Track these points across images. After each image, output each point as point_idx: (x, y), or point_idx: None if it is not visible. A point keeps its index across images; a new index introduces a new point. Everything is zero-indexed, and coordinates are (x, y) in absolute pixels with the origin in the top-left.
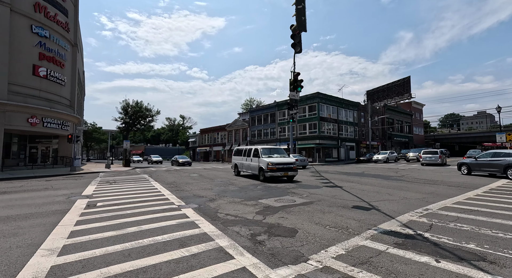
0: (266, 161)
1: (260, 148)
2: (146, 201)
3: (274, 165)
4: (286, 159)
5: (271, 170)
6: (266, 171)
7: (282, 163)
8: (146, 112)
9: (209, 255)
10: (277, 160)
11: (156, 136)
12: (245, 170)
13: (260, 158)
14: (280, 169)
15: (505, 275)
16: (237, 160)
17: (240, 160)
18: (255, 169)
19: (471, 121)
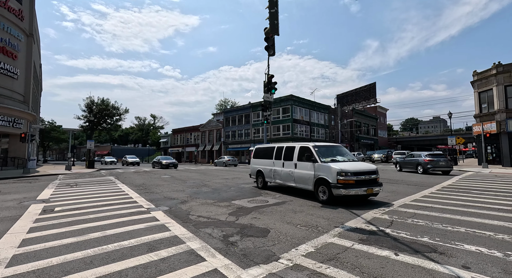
0: (334, 168)
1: (313, 146)
2: (112, 205)
3: (351, 176)
4: (365, 165)
5: (345, 183)
6: (335, 185)
7: (363, 171)
8: (113, 111)
9: (179, 258)
10: (354, 167)
11: (124, 136)
12: (279, 181)
13: (318, 162)
14: (362, 182)
15: (452, 264)
16: (261, 164)
17: (268, 165)
18: (307, 181)
19: (428, 126)
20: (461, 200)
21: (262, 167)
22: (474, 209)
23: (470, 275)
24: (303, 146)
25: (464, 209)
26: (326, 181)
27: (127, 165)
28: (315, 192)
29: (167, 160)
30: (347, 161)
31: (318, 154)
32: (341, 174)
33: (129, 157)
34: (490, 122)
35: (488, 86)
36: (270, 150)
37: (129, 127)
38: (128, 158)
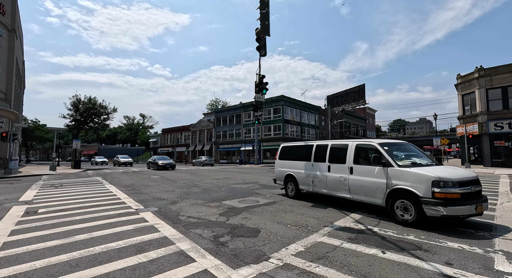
0: (427, 175)
1: (380, 143)
2: (99, 206)
3: (456, 187)
4: (464, 171)
5: (446, 198)
6: (429, 200)
7: (467, 180)
8: (101, 110)
9: (169, 260)
10: (454, 174)
11: (113, 135)
12: (322, 190)
13: (394, 166)
14: (469, 196)
15: (435, 261)
16: (292, 167)
17: (304, 169)
18: (373, 192)
19: (414, 127)
20: None
21: (294, 171)
22: None
23: (453, 271)
24: (363, 144)
25: None
26: (410, 193)
27: (119, 165)
28: (389, 209)
29: (164, 160)
30: (430, 164)
31: (390, 155)
32: (438, 185)
33: (121, 157)
34: (472, 124)
35: (471, 89)
36: (305, 149)
37: (117, 127)
38: (120, 157)
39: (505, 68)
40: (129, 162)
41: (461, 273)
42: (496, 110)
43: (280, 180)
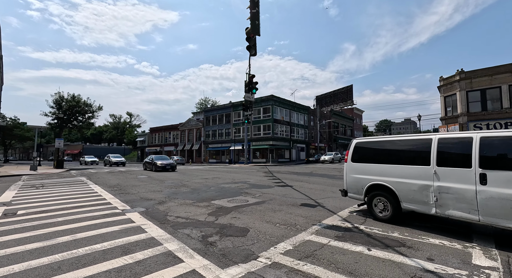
0: None
1: None
2: (83, 207)
3: None
4: None
5: None
6: None
7: None
8: (85, 108)
9: (156, 261)
10: None
11: (98, 134)
12: (467, 214)
13: None
14: None
15: (418, 257)
16: (383, 173)
17: (415, 178)
18: None
19: (400, 127)
20: None
21: (390, 180)
22: None
23: (434, 266)
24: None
25: None
26: None
27: (111, 165)
28: None
29: (163, 161)
30: None
31: None
32: None
33: (112, 156)
34: (454, 124)
35: (452, 91)
36: (412, 146)
37: (103, 126)
38: (112, 157)
39: (483, 72)
40: (121, 162)
41: (441, 268)
42: (475, 112)
43: (356, 192)
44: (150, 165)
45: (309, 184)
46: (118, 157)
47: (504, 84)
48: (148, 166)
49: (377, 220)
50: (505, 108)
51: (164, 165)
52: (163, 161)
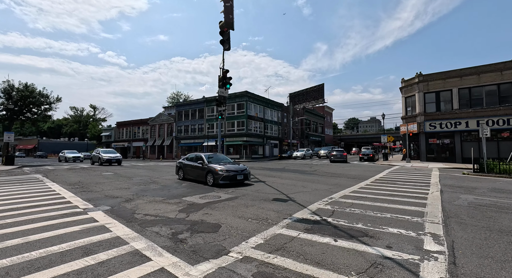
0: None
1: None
2: (38, 206)
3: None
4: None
5: None
6: None
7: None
8: (41, 99)
9: (121, 260)
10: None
11: (56, 128)
12: None
13: None
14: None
15: (378, 245)
16: None
17: None
18: None
19: (366, 125)
20: (389, 190)
21: None
22: (398, 197)
23: (392, 253)
24: None
25: (391, 198)
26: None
27: (101, 163)
28: None
29: (110, 154)
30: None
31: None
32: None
33: (103, 152)
34: (413, 123)
35: (412, 92)
36: None
37: (62, 119)
38: (103, 152)
39: (438, 76)
40: (116, 159)
41: (398, 254)
42: (431, 112)
43: None
44: (97, 158)
45: (281, 179)
46: (111, 152)
47: (454, 88)
48: (96, 160)
49: None
50: (455, 109)
51: (109, 158)
52: (109, 155)
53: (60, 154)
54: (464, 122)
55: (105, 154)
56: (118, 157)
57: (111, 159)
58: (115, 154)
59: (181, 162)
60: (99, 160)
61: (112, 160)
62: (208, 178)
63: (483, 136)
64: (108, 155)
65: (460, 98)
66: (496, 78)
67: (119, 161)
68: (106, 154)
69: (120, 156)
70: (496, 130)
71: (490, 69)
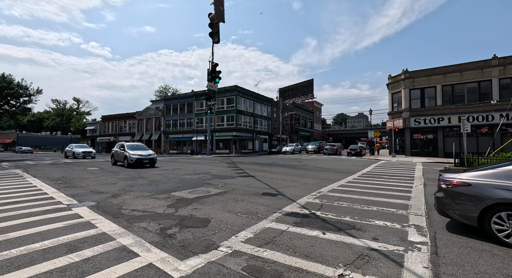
0: None
1: None
2: (18, 203)
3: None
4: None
5: None
6: None
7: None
8: (19, 90)
9: (107, 257)
10: None
11: (37, 122)
12: None
13: None
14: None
15: (365, 237)
16: None
17: None
18: None
19: (354, 121)
20: (375, 184)
21: None
22: (384, 191)
23: (378, 245)
24: None
25: (377, 191)
26: None
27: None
28: None
29: (84, 149)
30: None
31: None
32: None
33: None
34: (398, 119)
35: (398, 88)
36: None
37: (43, 112)
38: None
39: (423, 73)
40: (150, 158)
41: (384, 246)
42: (416, 108)
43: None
44: (70, 153)
45: (271, 174)
46: (142, 148)
47: (438, 85)
48: (69, 154)
49: None
50: (438, 106)
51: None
52: (84, 149)
53: (67, 149)
54: (446, 118)
55: (134, 150)
56: (153, 156)
57: (142, 159)
58: (146, 150)
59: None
60: (126, 159)
61: (144, 159)
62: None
63: (464, 132)
64: (138, 153)
65: (444, 95)
66: (477, 76)
67: (153, 161)
68: (134, 151)
69: (154, 153)
70: (476, 126)
71: (472, 67)
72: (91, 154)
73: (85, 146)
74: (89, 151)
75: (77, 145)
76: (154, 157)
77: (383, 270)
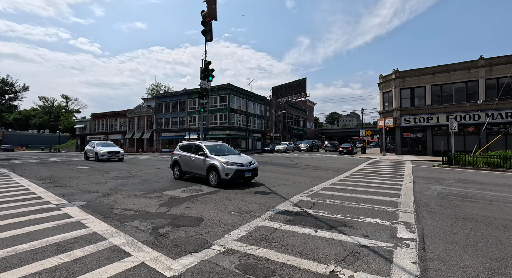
0: None
1: None
2: (4, 203)
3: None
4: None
5: None
6: None
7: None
8: (5, 87)
9: (98, 257)
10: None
11: (24, 119)
12: None
13: None
14: None
15: (356, 234)
16: None
17: None
18: None
19: (346, 119)
20: (366, 182)
21: None
22: (375, 189)
23: (368, 241)
24: None
25: (368, 189)
26: None
27: None
28: None
29: (108, 148)
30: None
31: None
32: None
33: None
34: (389, 118)
35: (389, 88)
36: None
37: (30, 109)
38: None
39: (413, 72)
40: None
41: (374, 242)
42: (406, 108)
43: None
44: (92, 153)
45: (263, 173)
46: (110, 145)
47: (427, 84)
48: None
49: None
50: (428, 105)
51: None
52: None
53: (88, 148)
54: (435, 117)
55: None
56: (119, 151)
57: (110, 154)
58: (114, 147)
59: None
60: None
61: (112, 155)
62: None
63: (451, 131)
64: (107, 149)
65: (433, 95)
66: (464, 76)
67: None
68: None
69: (121, 149)
70: (463, 125)
71: (459, 67)
72: (118, 154)
73: (111, 143)
74: (116, 151)
75: (100, 142)
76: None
77: (373, 266)
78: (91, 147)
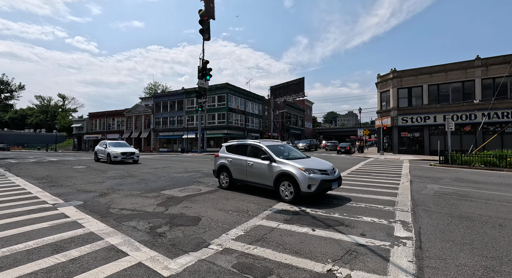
0: None
1: None
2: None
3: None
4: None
5: None
6: None
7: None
8: (1, 86)
9: (95, 257)
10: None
11: (20, 119)
12: None
13: None
14: None
15: (353, 233)
16: None
17: None
18: None
19: (344, 119)
20: (364, 181)
21: None
22: (372, 188)
23: (365, 240)
24: None
25: (365, 188)
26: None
27: None
28: None
29: (122, 148)
30: None
31: None
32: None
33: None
34: (387, 117)
35: (387, 88)
36: None
37: (26, 108)
38: None
39: (410, 72)
40: None
41: (371, 241)
42: (403, 107)
43: None
44: (103, 154)
45: None
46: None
47: (425, 84)
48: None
49: None
50: (425, 105)
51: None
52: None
53: (99, 148)
54: (432, 117)
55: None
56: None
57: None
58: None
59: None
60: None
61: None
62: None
63: (448, 130)
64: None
65: (430, 94)
66: (461, 76)
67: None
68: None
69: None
70: (459, 124)
71: (456, 67)
72: (133, 156)
73: (124, 143)
74: (131, 152)
75: (113, 142)
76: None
77: (370, 264)
78: (102, 147)
